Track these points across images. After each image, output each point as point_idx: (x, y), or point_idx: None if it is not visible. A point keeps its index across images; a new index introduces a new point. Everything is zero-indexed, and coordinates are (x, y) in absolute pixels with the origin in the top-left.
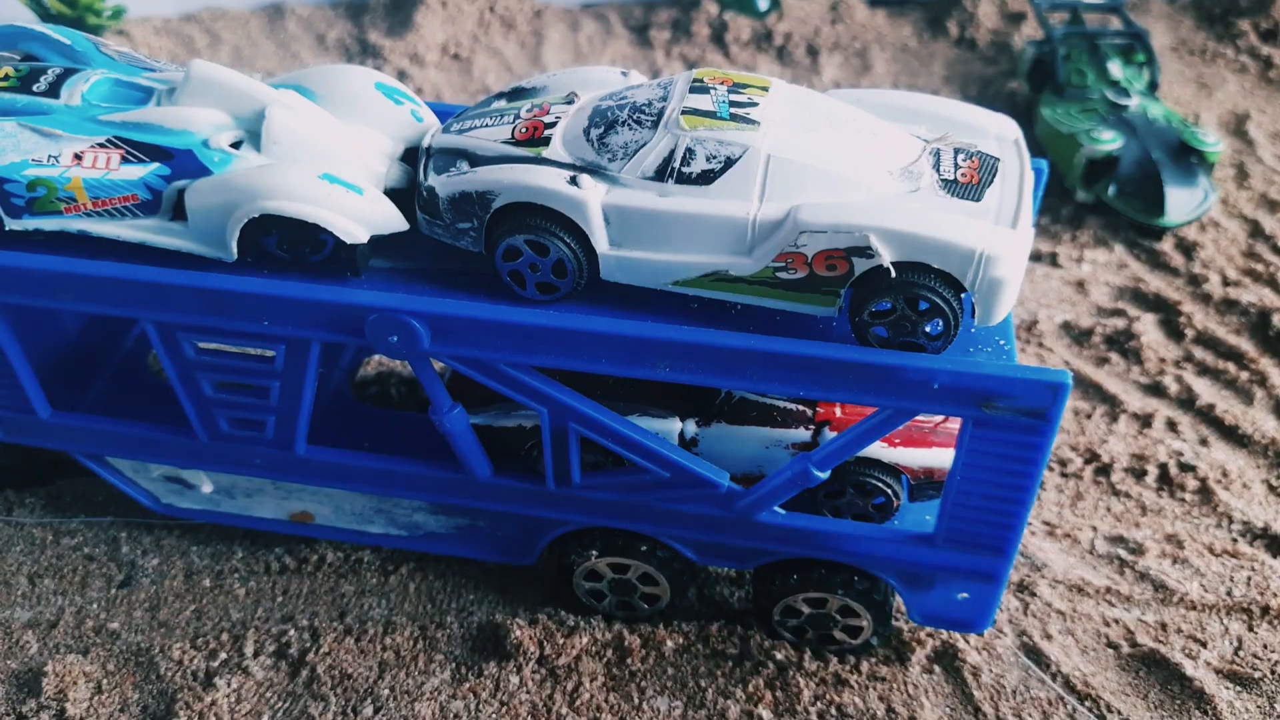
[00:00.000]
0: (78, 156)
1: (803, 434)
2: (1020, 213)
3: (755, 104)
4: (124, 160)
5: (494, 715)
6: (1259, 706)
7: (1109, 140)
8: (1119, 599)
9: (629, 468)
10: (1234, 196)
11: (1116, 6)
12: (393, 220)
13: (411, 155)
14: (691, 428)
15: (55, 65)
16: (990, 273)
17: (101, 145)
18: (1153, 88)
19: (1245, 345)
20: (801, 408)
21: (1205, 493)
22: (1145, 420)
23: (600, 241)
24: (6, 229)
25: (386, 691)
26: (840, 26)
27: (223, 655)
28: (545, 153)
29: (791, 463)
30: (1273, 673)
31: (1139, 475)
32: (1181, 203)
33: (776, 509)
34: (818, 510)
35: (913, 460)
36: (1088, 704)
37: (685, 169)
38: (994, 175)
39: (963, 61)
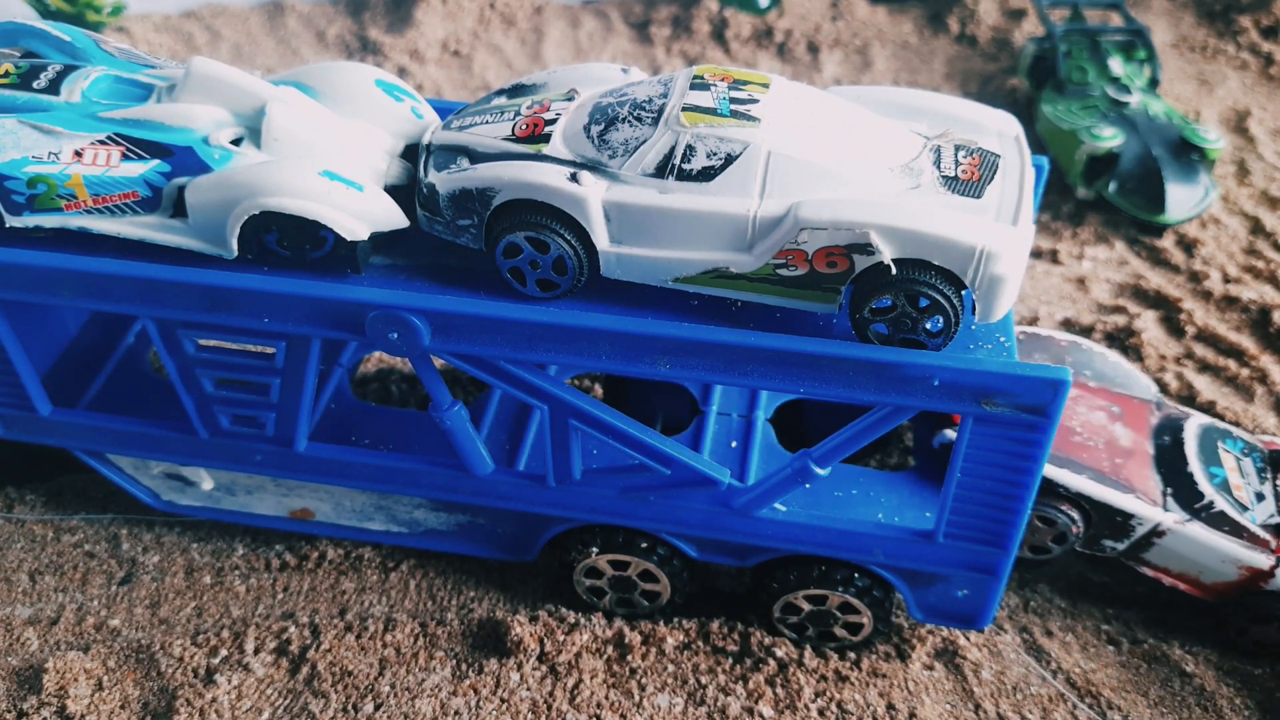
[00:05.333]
0: (78, 153)
1: (1262, 560)
2: (1021, 209)
3: (756, 101)
4: (124, 157)
5: (494, 712)
6: (1259, 703)
7: (1110, 137)
8: (1120, 595)
9: (631, 464)
10: (1235, 193)
11: (1117, 3)
12: (393, 217)
13: (412, 152)
14: (1169, 521)
15: (55, 62)
16: (991, 269)
17: (102, 142)
18: (1153, 84)
19: (1246, 342)
20: (1268, 536)
21: None
22: None
23: (601, 238)
24: (7, 226)
25: (387, 688)
26: (841, 23)
27: (223, 652)
28: (546, 149)
29: (792, 460)
30: (1273, 669)
31: None
32: (1182, 200)
33: (776, 506)
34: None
35: None
36: (1088, 701)
37: (686, 166)
38: (995, 172)
39: (963, 58)
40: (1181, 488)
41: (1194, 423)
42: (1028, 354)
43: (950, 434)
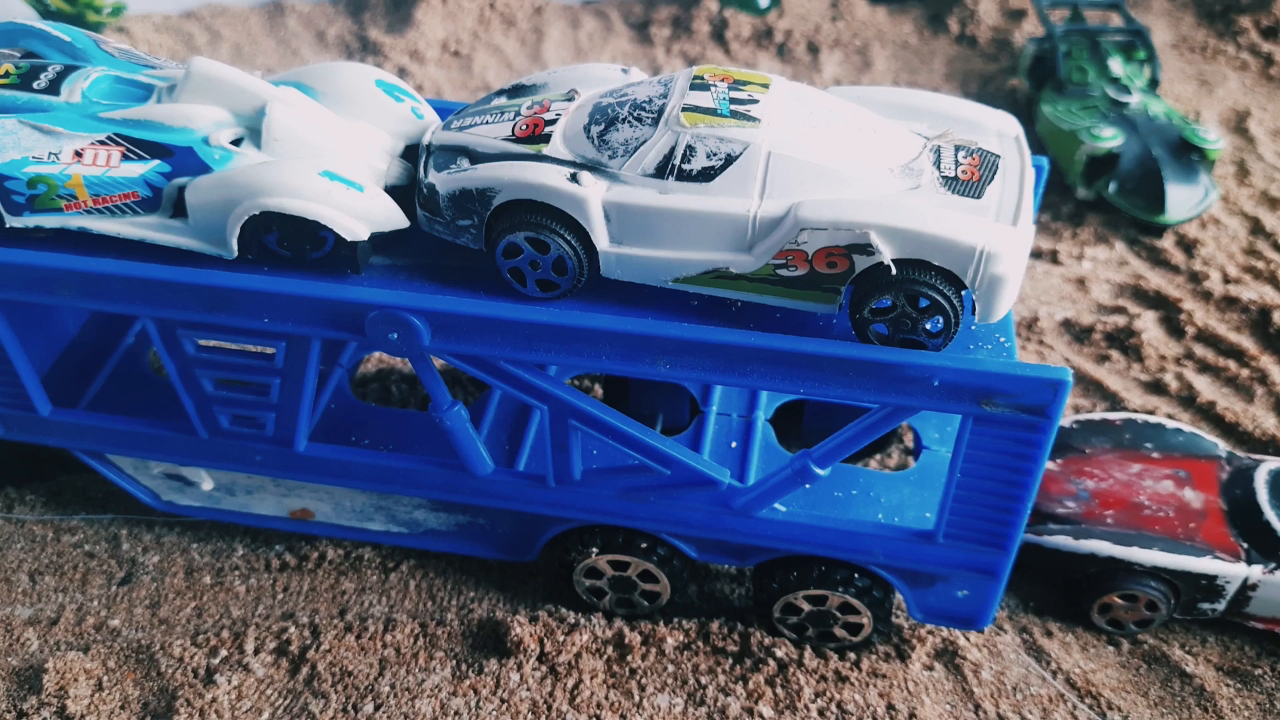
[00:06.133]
0: (78, 154)
1: None
2: (1021, 210)
3: (756, 101)
4: (124, 157)
5: (494, 712)
6: (1259, 704)
7: (1110, 137)
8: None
9: (631, 464)
10: (1234, 194)
11: (1117, 4)
12: (393, 217)
13: (412, 152)
14: (1257, 573)
15: (55, 62)
16: (991, 270)
17: (102, 142)
18: (1153, 85)
19: (1246, 342)
20: None
21: None
22: None
23: (601, 239)
24: (7, 226)
25: (387, 689)
26: (841, 23)
27: (223, 652)
28: (546, 150)
29: (792, 460)
30: (1273, 669)
31: None
32: (1182, 200)
33: (777, 506)
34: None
35: None
36: (1088, 701)
37: (686, 166)
38: (995, 172)
39: (963, 58)
40: (1261, 537)
41: (1264, 469)
42: (1084, 439)
43: (1025, 536)
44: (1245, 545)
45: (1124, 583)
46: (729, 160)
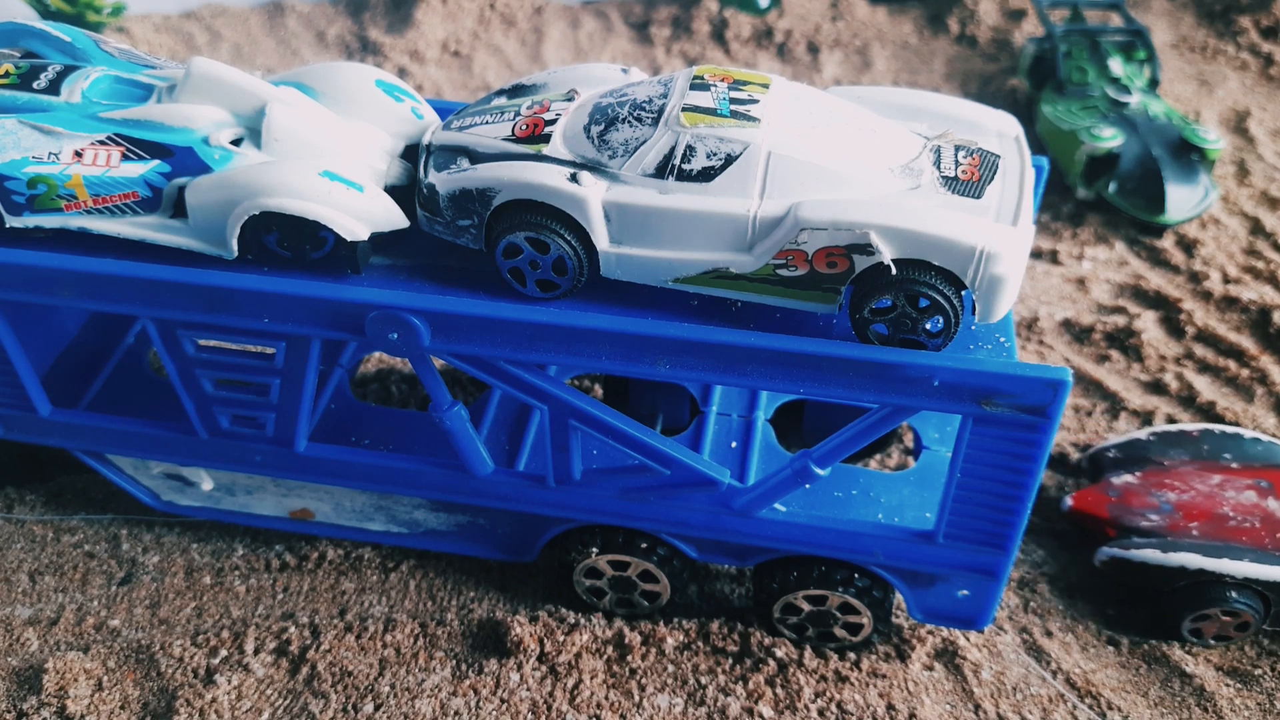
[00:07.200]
0: (78, 154)
1: None
2: (1021, 210)
3: (756, 101)
4: (124, 157)
5: (494, 712)
6: (1259, 704)
7: (1109, 137)
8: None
9: (631, 465)
10: (1234, 194)
11: (1117, 4)
12: (393, 217)
13: (412, 152)
14: None
15: (55, 62)
16: (991, 270)
17: (102, 142)
18: (1153, 85)
19: (1246, 342)
20: None
21: None
22: (1146, 417)
23: (601, 239)
24: (7, 226)
25: (387, 689)
26: (841, 24)
27: (223, 652)
28: (546, 150)
29: (792, 460)
30: (1273, 669)
31: None
32: (1182, 200)
33: (777, 506)
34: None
35: None
36: (1088, 701)
37: (686, 166)
38: (994, 172)
39: (963, 59)
40: None
41: None
42: (1162, 451)
43: (1111, 550)
44: None
45: (1214, 595)
46: (729, 160)
